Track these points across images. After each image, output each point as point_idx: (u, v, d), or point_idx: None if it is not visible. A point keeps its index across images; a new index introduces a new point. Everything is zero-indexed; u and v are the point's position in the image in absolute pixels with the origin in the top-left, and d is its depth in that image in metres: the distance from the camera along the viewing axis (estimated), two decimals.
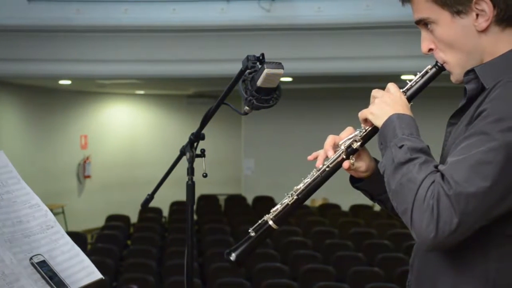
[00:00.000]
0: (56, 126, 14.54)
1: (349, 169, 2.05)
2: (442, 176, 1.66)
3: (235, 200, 13.96)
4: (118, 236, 10.07)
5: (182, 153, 2.39)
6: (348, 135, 2.04)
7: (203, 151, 2.38)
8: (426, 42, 1.90)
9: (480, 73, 1.82)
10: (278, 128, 14.48)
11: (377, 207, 11.21)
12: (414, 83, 1.98)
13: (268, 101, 2.11)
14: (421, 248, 1.90)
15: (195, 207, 11.39)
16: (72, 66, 10.72)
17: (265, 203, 13.29)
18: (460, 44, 1.84)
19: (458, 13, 1.81)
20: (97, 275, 1.87)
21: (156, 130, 16.62)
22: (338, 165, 2.03)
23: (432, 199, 1.63)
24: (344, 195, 9.19)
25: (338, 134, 2.08)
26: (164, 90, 15.80)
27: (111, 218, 11.71)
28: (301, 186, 2.11)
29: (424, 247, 1.71)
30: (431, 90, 1.98)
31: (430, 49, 1.91)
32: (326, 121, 14.09)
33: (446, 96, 7.46)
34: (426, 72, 1.97)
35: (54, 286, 1.74)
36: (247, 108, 2.12)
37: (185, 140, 2.40)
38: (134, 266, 7.92)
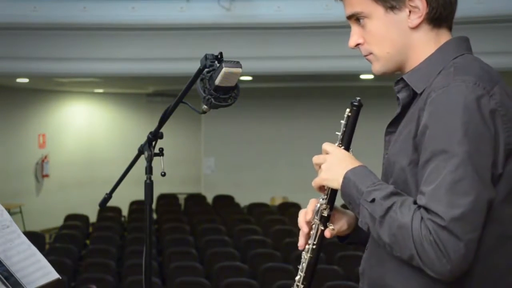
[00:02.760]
0: (13, 125, 14.36)
1: (331, 235, 2.06)
2: (427, 209, 1.67)
3: (195, 199, 13.94)
4: (76, 235, 9.99)
5: (140, 152, 2.39)
6: (313, 207, 2.04)
7: (161, 150, 2.38)
8: (355, 36, 1.92)
9: (409, 81, 1.85)
10: (238, 127, 14.50)
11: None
12: (343, 131, 1.98)
13: (226, 100, 2.12)
14: (372, 256, 1.92)
15: (154, 206, 11.37)
16: (29, 64, 10.60)
17: (225, 202, 13.30)
18: (390, 39, 1.86)
19: (391, 8, 1.83)
20: (54, 275, 1.86)
21: (115, 129, 16.52)
22: (320, 237, 2.04)
23: (431, 235, 1.64)
24: (303, 194, 9.23)
25: (299, 131, 2.11)
26: (123, 89, 15.71)
27: (69, 218, 11.62)
28: (300, 274, 2.08)
29: (448, 280, 1.70)
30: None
31: (358, 44, 1.92)
32: (285, 120, 14.15)
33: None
34: (348, 117, 1.98)
35: (10, 287, 1.72)
36: (205, 107, 2.13)
37: (144, 139, 2.39)
38: (93, 266, 7.87)
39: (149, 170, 2.36)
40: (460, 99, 1.68)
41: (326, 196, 2.00)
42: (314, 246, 2.04)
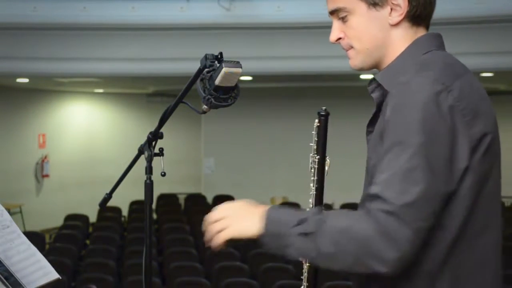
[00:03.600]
0: (13, 125, 14.36)
1: None
2: (378, 197, 1.68)
3: (195, 199, 13.94)
4: (76, 235, 9.99)
5: (140, 152, 2.39)
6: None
7: (161, 150, 2.37)
8: (336, 31, 1.95)
9: (381, 81, 1.88)
10: (238, 127, 14.50)
11: (336, 206, 11.28)
12: (316, 141, 2.02)
13: (226, 100, 2.12)
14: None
15: (154, 206, 11.35)
16: (29, 64, 10.60)
17: (225, 201, 13.27)
18: (370, 35, 1.89)
19: (374, 5, 1.86)
20: (54, 275, 1.86)
21: (115, 129, 16.52)
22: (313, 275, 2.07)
23: (378, 224, 1.65)
24: (303, 194, 9.23)
25: (299, 131, 2.13)
26: (123, 89, 15.71)
27: (69, 218, 11.62)
28: (304, 284, 2.11)
29: (395, 273, 1.69)
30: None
31: (339, 38, 1.95)
32: (286, 120, 14.14)
33: None
34: (318, 127, 2.02)
35: (10, 287, 1.72)
36: (205, 107, 2.13)
37: (144, 139, 2.39)
38: (93, 266, 7.87)
39: (149, 170, 2.36)
40: (419, 94, 1.70)
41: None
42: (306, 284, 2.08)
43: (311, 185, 2.05)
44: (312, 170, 2.04)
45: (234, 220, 1.89)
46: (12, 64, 10.61)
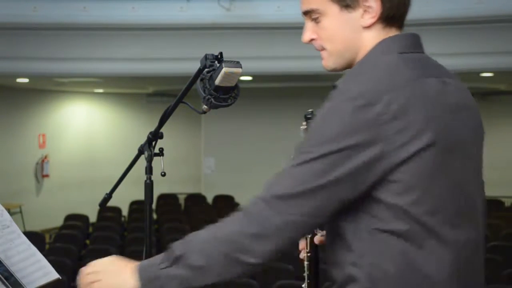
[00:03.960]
0: (13, 125, 14.35)
1: (321, 242, 2.11)
2: (259, 195, 1.72)
3: (195, 199, 13.93)
4: (76, 235, 9.98)
5: (140, 152, 2.39)
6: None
7: (161, 150, 2.38)
8: (308, 32, 1.93)
9: (339, 84, 1.85)
10: (238, 127, 14.50)
11: None
12: None
13: (226, 100, 2.12)
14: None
15: (154, 206, 11.33)
16: (29, 64, 10.60)
17: (225, 202, 13.29)
18: (342, 36, 1.87)
19: (346, 7, 1.84)
20: (53, 275, 1.86)
21: (115, 129, 16.51)
22: (312, 246, 2.13)
23: (245, 213, 1.71)
24: None
25: (299, 131, 2.13)
26: (123, 89, 15.70)
27: (69, 218, 11.61)
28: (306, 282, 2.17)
29: (267, 261, 1.72)
30: None
31: (312, 39, 1.94)
32: (286, 120, 14.12)
33: None
34: (305, 129, 2.11)
35: (10, 287, 1.72)
36: (205, 107, 2.13)
37: (144, 139, 2.39)
38: None
39: (149, 170, 2.36)
40: (338, 106, 1.70)
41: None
42: (309, 254, 2.13)
43: None
44: None
45: (106, 276, 1.87)
46: (12, 64, 10.61)
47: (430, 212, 1.71)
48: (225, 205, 12.99)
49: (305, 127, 2.05)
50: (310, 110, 2.06)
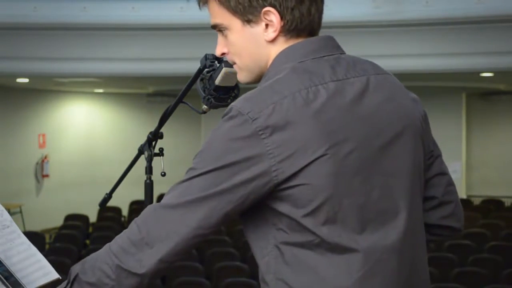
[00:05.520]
0: (13, 125, 14.36)
1: None
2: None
3: None
4: (76, 235, 9.99)
5: (140, 152, 2.39)
6: None
7: (161, 150, 2.38)
8: (220, 46, 1.90)
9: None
10: None
11: None
12: None
13: (226, 100, 2.12)
14: None
15: None
16: (29, 64, 10.60)
17: None
18: (248, 51, 1.84)
19: (248, 21, 1.80)
20: (54, 275, 1.85)
21: (115, 129, 16.52)
22: None
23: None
24: None
25: None
26: (123, 89, 15.72)
27: (69, 218, 11.62)
28: None
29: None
30: None
31: (223, 53, 1.91)
32: None
33: None
34: None
35: (10, 287, 1.72)
36: (205, 107, 2.13)
37: (144, 139, 2.39)
38: None
39: (149, 170, 2.36)
40: (220, 126, 1.69)
41: None
42: None
43: None
44: None
45: None
46: (12, 64, 10.61)
47: (328, 222, 1.66)
48: None
49: None
50: None
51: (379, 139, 1.74)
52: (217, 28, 1.89)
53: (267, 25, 1.79)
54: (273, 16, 1.77)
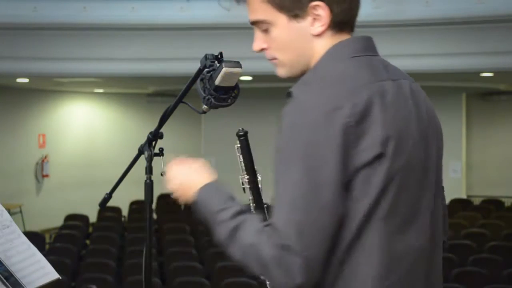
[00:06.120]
0: (13, 125, 14.36)
1: None
2: (274, 227, 1.68)
3: None
4: (76, 235, 9.99)
5: (140, 152, 2.38)
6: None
7: (161, 150, 2.37)
8: (258, 42, 1.91)
9: (294, 93, 1.82)
10: (238, 127, 14.44)
11: None
12: (242, 162, 2.22)
13: (226, 100, 2.12)
14: None
15: (154, 206, 11.32)
16: (29, 64, 10.60)
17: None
18: (293, 46, 1.85)
19: (295, 16, 1.81)
20: (53, 275, 1.86)
21: (115, 129, 16.51)
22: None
23: (275, 252, 1.65)
24: None
25: None
26: (124, 89, 15.71)
27: (69, 218, 11.61)
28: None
29: None
30: None
31: (262, 49, 1.91)
32: None
33: None
34: (240, 148, 2.09)
35: (10, 287, 1.72)
36: (205, 107, 2.13)
37: (144, 139, 2.39)
38: (93, 266, 7.87)
39: (149, 170, 2.36)
40: (305, 117, 1.68)
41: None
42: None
43: (250, 204, 2.07)
44: (248, 191, 2.07)
45: (176, 189, 2.00)
46: (12, 64, 10.61)
47: (381, 218, 1.70)
48: None
49: (239, 145, 2.07)
50: (241, 128, 2.07)
51: (424, 141, 1.80)
52: (259, 24, 1.88)
53: (314, 19, 1.80)
54: (321, 10, 1.79)
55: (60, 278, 1.88)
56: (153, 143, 2.38)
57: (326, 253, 1.67)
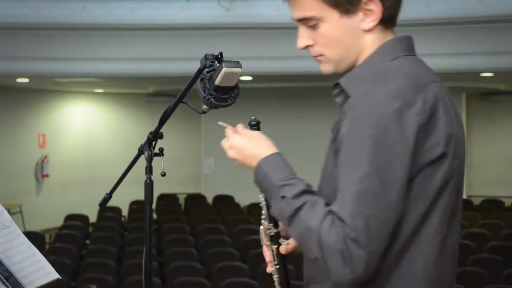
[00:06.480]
0: (13, 125, 14.36)
1: (288, 251, 2.07)
2: (339, 217, 1.67)
3: (195, 199, 13.94)
4: (76, 235, 9.99)
5: (140, 152, 2.38)
6: (262, 233, 2.07)
7: (161, 150, 2.37)
8: (304, 38, 1.90)
9: (344, 85, 1.84)
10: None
11: None
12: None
13: (226, 100, 2.12)
14: None
15: (154, 206, 11.31)
16: (29, 64, 10.60)
17: (225, 201, 13.30)
18: (343, 42, 1.85)
19: (346, 12, 1.81)
20: (53, 275, 1.86)
21: (115, 129, 16.51)
22: (279, 256, 2.06)
23: (339, 242, 1.65)
24: None
25: (299, 131, 2.12)
26: (123, 89, 15.70)
27: (69, 218, 11.61)
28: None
29: (347, 286, 1.74)
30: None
31: (308, 46, 1.91)
32: (285, 120, 14.13)
33: None
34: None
35: (10, 287, 1.72)
36: (205, 107, 2.12)
37: (144, 139, 2.39)
38: (93, 266, 7.87)
39: (149, 170, 2.35)
40: (377, 111, 1.67)
41: (265, 217, 2.03)
42: (277, 266, 2.06)
43: (260, 196, 2.06)
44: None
45: (238, 154, 1.95)
46: (12, 64, 10.61)
47: (437, 216, 1.76)
48: (225, 205, 13.00)
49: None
50: (253, 117, 2.04)
51: (463, 141, 1.85)
52: (306, 21, 1.87)
53: (364, 14, 1.81)
54: (374, 5, 1.80)
55: (60, 278, 1.88)
56: (153, 143, 2.37)
57: (384, 249, 1.70)
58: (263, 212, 2.04)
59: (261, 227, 2.06)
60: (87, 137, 16.13)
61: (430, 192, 1.72)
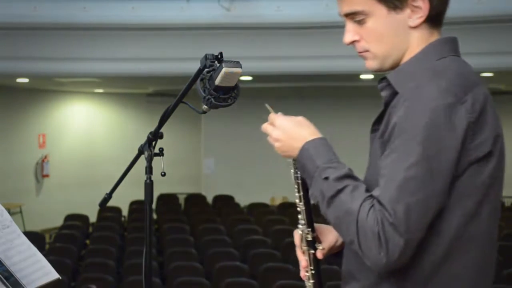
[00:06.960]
0: (13, 125, 14.36)
1: (324, 255, 2.07)
2: (379, 201, 1.69)
3: (195, 199, 13.93)
4: (76, 235, 9.99)
5: (140, 152, 2.38)
6: (298, 237, 2.07)
7: (161, 150, 2.37)
8: (350, 33, 1.91)
9: (392, 80, 1.86)
10: (238, 127, 14.48)
11: None
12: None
13: (226, 100, 2.12)
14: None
15: (154, 206, 11.32)
16: (29, 64, 10.60)
17: (225, 202, 13.29)
18: (390, 38, 1.86)
19: (394, 8, 1.83)
20: (53, 275, 1.86)
21: (115, 129, 16.51)
22: (315, 261, 2.06)
23: (377, 225, 1.66)
24: None
25: None
26: (123, 89, 15.70)
27: (69, 218, 11.61)
28: None
29: (378, 271, 1.75)
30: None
31: (354, 41, 1.91)
32: None
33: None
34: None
35: (10, 287, 1.72)
36: (205, 107, 2.12)
37: (144, 139, 2.39)
38: (93, 266, 7.87)
39: (149, 170, 2.35)
40: (430, 103, 1.69)
41: (304, 221, 2.03)
42: (312, 272, 2.06)
43: (297, 201, 2.05)
44: (296, 186, 2.05)
45: (282, 138, 2.00)
46: (12, 64, 10.61)
47: (486, 213, 1.79)
48: (225, 205, 13.00)
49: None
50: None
51: (502, 142, 1.85)
52: (353, 16, 1.88)
53: (412, 11, 1.83)
54: (421, 2, 1.82)
55: (60, 278, 1.88)
56: (153, 143, 2.37)
57: (422, 239, 1.71)
58: (299, 216, 2.03)
59: (298, 231, 2.05)
60: (87, 137, 16.13)
61: (477, 191, 1.75)
